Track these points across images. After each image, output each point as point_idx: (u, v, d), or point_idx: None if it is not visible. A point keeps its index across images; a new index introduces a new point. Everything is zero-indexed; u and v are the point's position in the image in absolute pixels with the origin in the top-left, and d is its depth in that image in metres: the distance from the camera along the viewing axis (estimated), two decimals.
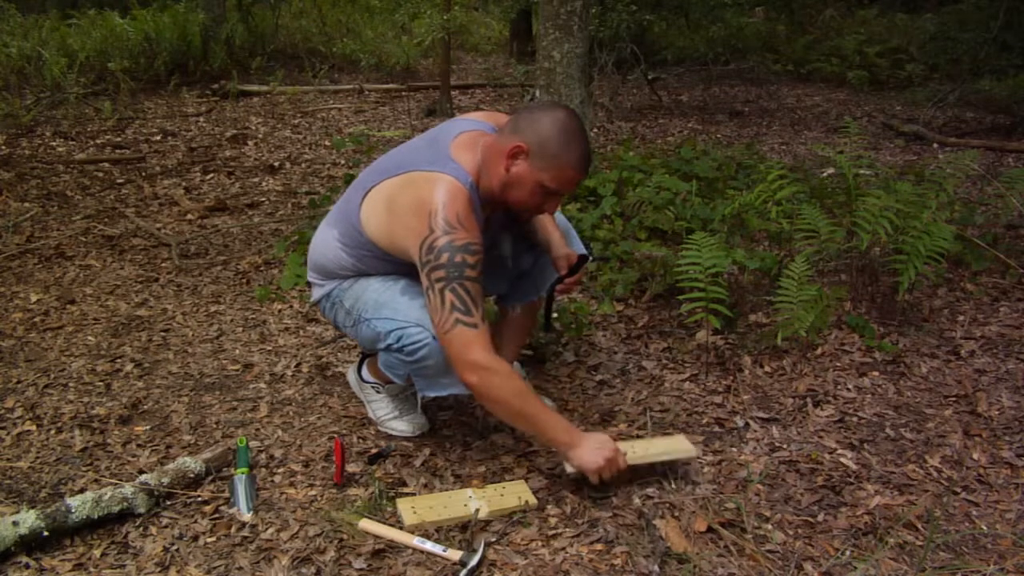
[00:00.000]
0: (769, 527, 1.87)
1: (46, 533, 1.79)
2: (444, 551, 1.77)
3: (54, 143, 5.87)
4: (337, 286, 2.12)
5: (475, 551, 1.76)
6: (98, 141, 5.97)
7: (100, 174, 5.13)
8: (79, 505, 1.83)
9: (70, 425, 2.35)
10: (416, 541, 1.80)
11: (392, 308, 1.99)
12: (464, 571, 1.71)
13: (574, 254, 2.21)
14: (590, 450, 1.90)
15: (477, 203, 1.93)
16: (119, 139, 6.05)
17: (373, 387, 2.30)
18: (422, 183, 1.90)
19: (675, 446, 2.05)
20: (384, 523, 1.87)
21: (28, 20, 8.68)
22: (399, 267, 2.02)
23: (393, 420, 2.28)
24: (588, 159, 1.93)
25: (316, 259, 2.16)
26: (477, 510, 1.89)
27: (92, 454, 2.22)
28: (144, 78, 7.75)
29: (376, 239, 2.00)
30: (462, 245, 1.82)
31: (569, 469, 1.94)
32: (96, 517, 1.85)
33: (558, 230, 2.24)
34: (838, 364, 2.62)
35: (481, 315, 1.85)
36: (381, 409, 2.30)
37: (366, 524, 1.86)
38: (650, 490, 2.00)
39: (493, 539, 1.83)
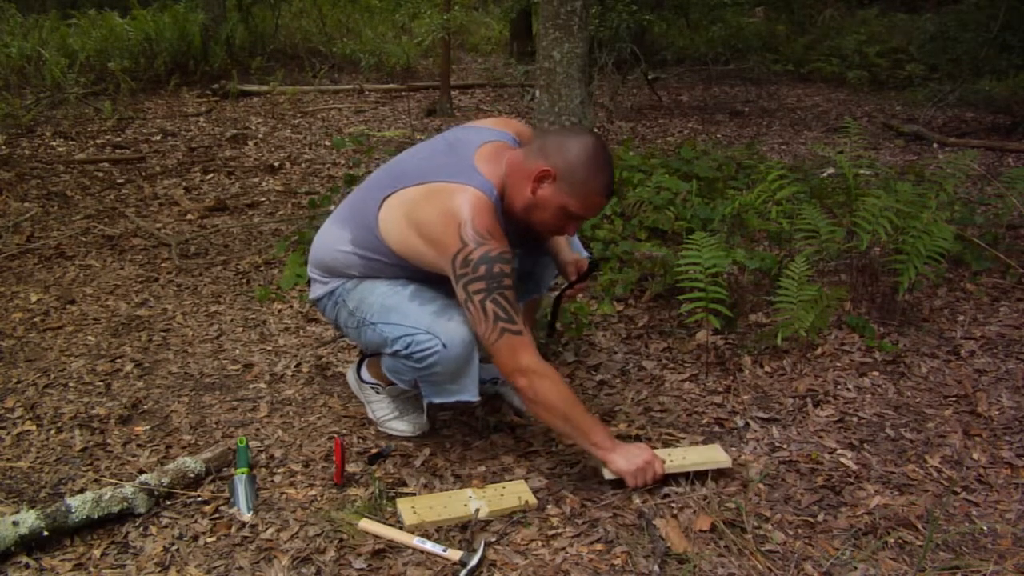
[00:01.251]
0: (769, 527, 1.87)
1: (46, 533, 1.79)
2: (444, 551, 1.77)
3: (54, 143, 5.87)
4: (340, 285, 2.09)
5: (475, 551, 1.76)
6: (98, 141, 5.97)
7: (100, 174, 5.13)
8: (79, 505, 1.84)
9: (70, 425, 2.35)
10: (416, 541, 1.80)
11: (401, 314, 1.98)
12: (464, 571, 1.71)
13: (584, 260, 2.21)
14: (629, 456, 1.95)
15: (501, 215, 1.93)
16: (119, 139, 6.05)
17: (373, 388, 2.30)
18: (448, 195, 1.88)
19: (711, 456, 2.07)
20: (384, 523, 1.87)
21: (28, 20, 8.68)
22: (410, 273, 2.01)
23: (393, 420, 2.28)
24: (612, 187, 1.95)
25: (321, 257, 2.13)
26: (477, 510, 1.89)
27: (92, 454, 2.22)
28: (144, 78, 7.75)
29: (395, 247, 1.97)
30: (497, 255, 1.83)
31: (607, 475, 1.97)
32: (96, 517, 1.85)
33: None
34: (838, 364, 2.62)
35: (523, 321, 1.88)
36: (381, 410, 2.29)
37: (366, 524, 1.86)
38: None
39: (493, 539, 1.83)
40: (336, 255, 2.08)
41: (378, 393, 2.29)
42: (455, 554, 1.75)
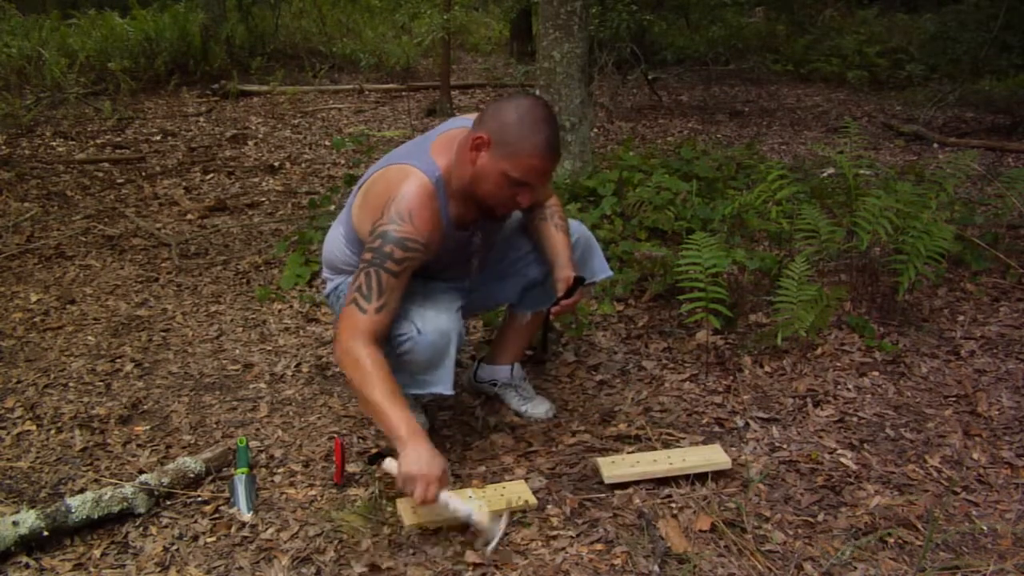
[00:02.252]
0: (769, 527, 1.87)
1: (46, 533, 1.79)
2: (473, 513, 1.78)
3: (54, 143, 5.86)
4: (343, 281, 2.15)
5: (498, 523, 1.78)
6: (98, 141, 5.96)
7: (100, 174, 5.13)
8: (79, 505, 1.84)
9: (70, 425, 2.35)
10: (444, 496, 1.78)
11: None
12: (492, 544, 1.74)
13: (571, 276, 2.13)
14: (414, 458, 1.77)
15: (443, 200, 1.93)
16: (119, 139, 6.05)
17: None
18: (393, 174, 1.95)
19: (711, 457, 2.08)
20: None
21: (28, 20, 8.68)
22: None
23: None
24: (552, 147, 1.87)
25: (326, 255, 2.21)
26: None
27: (92, 454, 2.22)
28: (144, 78, 7.74)
29: (356, 229, 2.05)
30: (399, 238, 1.85)
31: (607, 478, 1.99)
32: (96, 517, 1.85)
33: (568, 250, 2.15)
34: (838, 364, 2.62)
35: (378, 306, 1.85)
36: None
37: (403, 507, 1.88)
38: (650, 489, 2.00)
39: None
40: (336, 252, 2.15)
41: None
42: (483, 515, 1.77)
